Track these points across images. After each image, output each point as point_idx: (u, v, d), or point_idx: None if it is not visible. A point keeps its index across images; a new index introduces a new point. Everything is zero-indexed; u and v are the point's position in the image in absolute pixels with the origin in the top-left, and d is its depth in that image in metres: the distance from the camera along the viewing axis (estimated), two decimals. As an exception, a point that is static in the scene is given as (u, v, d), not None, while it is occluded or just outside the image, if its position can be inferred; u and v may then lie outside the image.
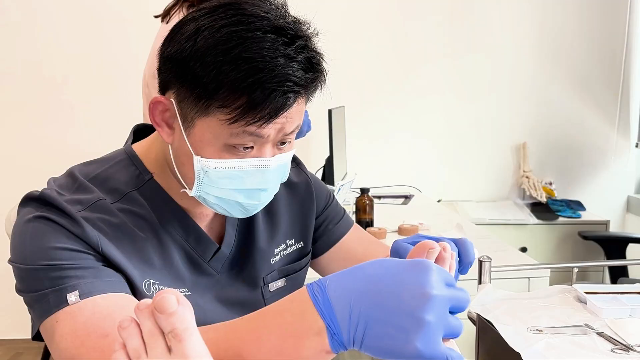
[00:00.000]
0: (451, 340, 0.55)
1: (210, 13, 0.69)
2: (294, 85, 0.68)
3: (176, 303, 0.47)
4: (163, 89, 0.73)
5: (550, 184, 3.05)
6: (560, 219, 2.78)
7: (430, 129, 3.01)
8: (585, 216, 2.84)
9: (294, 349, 0.53)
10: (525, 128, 3.05)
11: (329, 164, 2.27)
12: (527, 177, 3.02)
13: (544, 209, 2.88)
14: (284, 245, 0.92)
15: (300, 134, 2.03)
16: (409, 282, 0.51)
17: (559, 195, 3.06)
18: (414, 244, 0.83)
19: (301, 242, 0.95)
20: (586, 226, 2.74)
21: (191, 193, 0.75)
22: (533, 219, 2.74)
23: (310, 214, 0.96)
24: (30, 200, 0.73)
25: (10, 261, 0.71)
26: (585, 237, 2.58)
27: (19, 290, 0.70)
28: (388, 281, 0.52)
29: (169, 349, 0.48)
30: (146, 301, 0.48)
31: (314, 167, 2.67)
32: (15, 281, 0.72)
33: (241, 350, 0.56)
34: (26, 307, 0.71)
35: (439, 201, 2.91)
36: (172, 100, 0.71)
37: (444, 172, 3.04)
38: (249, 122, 0.68)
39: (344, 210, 1.04)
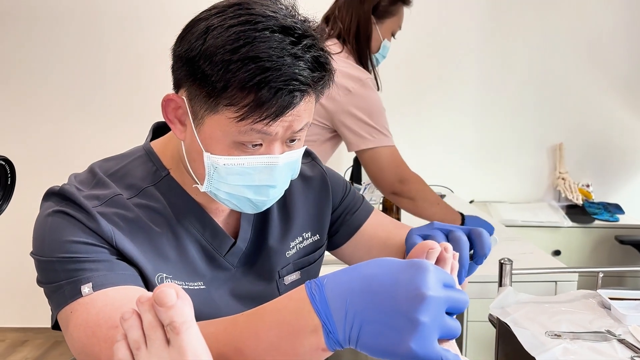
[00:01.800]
0: (451, 341, 0.55)
1: (220, 13, 0.71)
2: (300, 84, 0.69)
3: (175, 297, 0.48)
4: (176, 87, 0.75)
5: (588, 186, 2.96)
6: (597, 222, 2.69)
7: (464, 128, 2.96)
8: (624, 220, 2.74)
9: (291, 346, 0.54)
10: (562, 128, 2.97)
11: (356, 163, 2.27)
12: (563, 178, 2.94)
13: (579, 212, 2.80)
14: (300, 239, 0.93)
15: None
16: (404, 283, 0.51)
17: (596, 197, 2.96)
18: (424, 237, 0.84)
19: (317, 235, 0.95)
20: (624, 230, 2.65)
21: (202, 188, 0.77)
22: (567, 222, 2.66)
23: (326, 207, 0.97)
24: (51, 195, 0.76)
25: (32, 253, 0.74)
26: (622, 242, 2.51)
27: (39, 282, 0.73)
28: (384, 281, 0.52)
29: (168, 341, 0.50)
30: (147, 294, 0.49)
31: (343, 167, 2.67)
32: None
33: (240, 345, 0.57)
34: None
35: (471, 202, 2.87)
36: (184, 98, 0.73)
37: (477, 172, 2.99)
38: (256, 120, 0.69)
39: (362, 197, 1.05)
